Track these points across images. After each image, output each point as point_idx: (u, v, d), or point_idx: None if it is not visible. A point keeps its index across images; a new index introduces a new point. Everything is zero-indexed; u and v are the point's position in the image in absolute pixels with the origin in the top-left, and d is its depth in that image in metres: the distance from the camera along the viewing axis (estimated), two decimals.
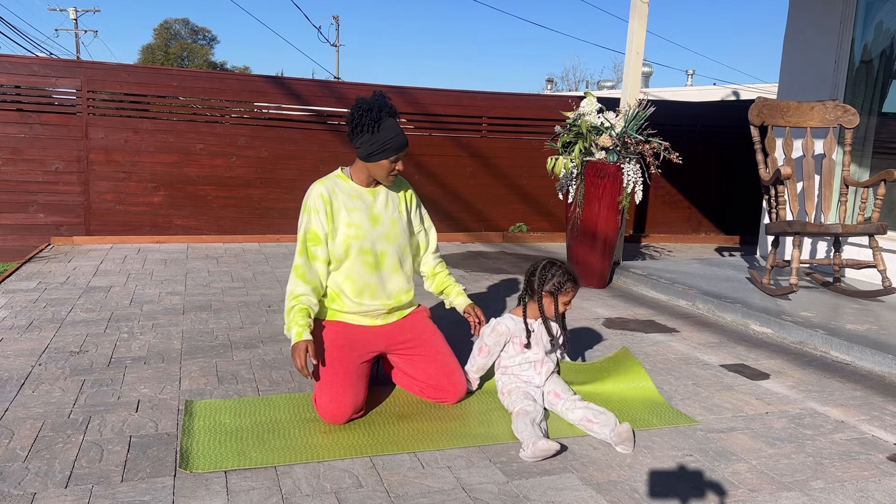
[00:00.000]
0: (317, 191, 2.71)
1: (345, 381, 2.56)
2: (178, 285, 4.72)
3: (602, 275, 5.14)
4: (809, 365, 3.52)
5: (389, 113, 2.68)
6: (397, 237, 2.80)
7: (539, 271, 2.76)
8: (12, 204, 6.12)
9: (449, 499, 2.08)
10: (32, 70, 6.11)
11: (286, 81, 6.87)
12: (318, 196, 2.70)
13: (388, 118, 2.67)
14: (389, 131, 2.65)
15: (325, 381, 2.56)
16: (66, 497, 2.01)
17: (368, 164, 2.70)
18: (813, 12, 5.73)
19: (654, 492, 2.17)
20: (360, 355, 2.68)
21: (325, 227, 2.69)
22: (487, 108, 7.45)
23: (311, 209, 2.70)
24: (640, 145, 4.87)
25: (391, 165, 2.70)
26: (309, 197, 2.72)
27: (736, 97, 15.59)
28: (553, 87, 35.25)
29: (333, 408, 2.52)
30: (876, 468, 2.39)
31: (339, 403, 2.52)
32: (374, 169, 2.71)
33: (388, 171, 2.71)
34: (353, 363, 2.63)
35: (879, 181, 4.55)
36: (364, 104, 2.65)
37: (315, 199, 2.70)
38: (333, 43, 35.44)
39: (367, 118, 2.63)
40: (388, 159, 2.68)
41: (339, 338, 2.69)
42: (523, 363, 2.76)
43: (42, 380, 2.91)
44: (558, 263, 2.78)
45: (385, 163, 2.69)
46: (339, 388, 2.54)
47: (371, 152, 2.66)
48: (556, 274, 2.74)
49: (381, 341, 2.77)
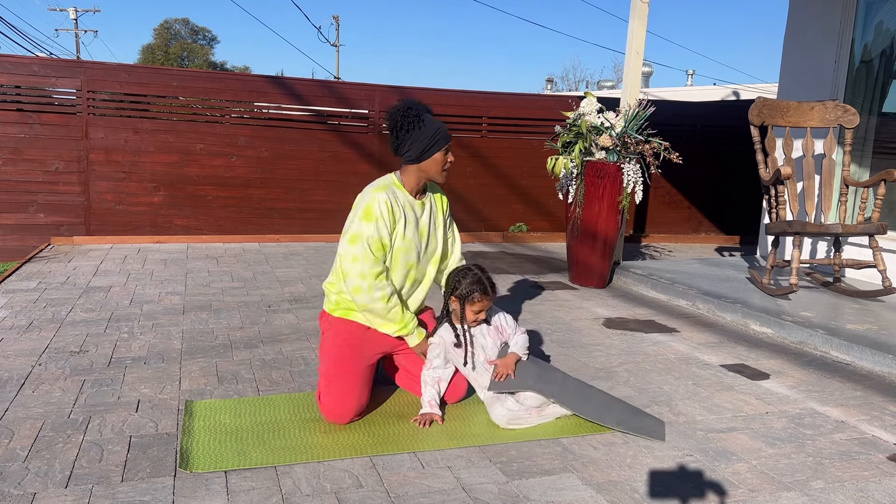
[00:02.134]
0: (381, 198, 2.62)
1: (353, 382, 2.57)
2: (178, 285, 4.72)
3: (602, 275, 5.14)
4: (809, 365, 3.52)
5: (426, 110, 2.71)
6: (436, 251, 2.84)
7: (453, 274, 2.74)
8: (12, 204, 6.12)
9: (449, 499, 2.08)
10: (32, 70, 6.11)
11: (286, 81, 6.87)
12: (383, 204, 2.61)
13: (426, 114, 2.69)
14: (432, 124, 2.67)
15: (333, 380, 2.57)
16: (66, 497, 2.01)
17: (421, 164, 2.68)
18: (813, 12, 5.73)
19: (654, 492, 2.17)
20: (368, 357, 2.69)
21: (388, 237, 2.63)
22: (487, 108, 7.45)
23: (378, 217, 2.60)
24: (640, 145, 4.86)
25: (444, 158, 2.70)
26: (373, 203, 2.60)
27: (736, 97, 15.59)
28: (553, 87, 35.25)
29: (338, 408, 2.54)
30: (876, 468, 2.39)
31: (343, 404, 2.54)
32: (429, 166, 2.69)
33: (443, 165, 2.71)
34: (361, 364, 2.64)
35: (879, 181, 4.55)
36: (400, 107, 2.66)
37: (381, 207, 2.60)
38: (333, 43, 35.45)
39: (410, 116, 2.64)
40: (440, 150, 2.68)
41: (353, 338, 2.68)
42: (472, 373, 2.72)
43: (42, 380, 2.91)
44: (475, 271, 2.71)
45: (439, 155, 2.68)
46: (346, 389, 2.55)
47: (423, 149, 2.65)
48: (467, 281, 2.67)
49: (388, 342, 2.76)
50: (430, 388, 2.68)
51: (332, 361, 2.62)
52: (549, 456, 2.38)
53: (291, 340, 3.60)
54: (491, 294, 2.69)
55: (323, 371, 2.62)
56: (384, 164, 7.10)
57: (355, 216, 2.63)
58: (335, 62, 63.18)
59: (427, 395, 2.67)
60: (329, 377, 2.58)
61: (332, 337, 2.68)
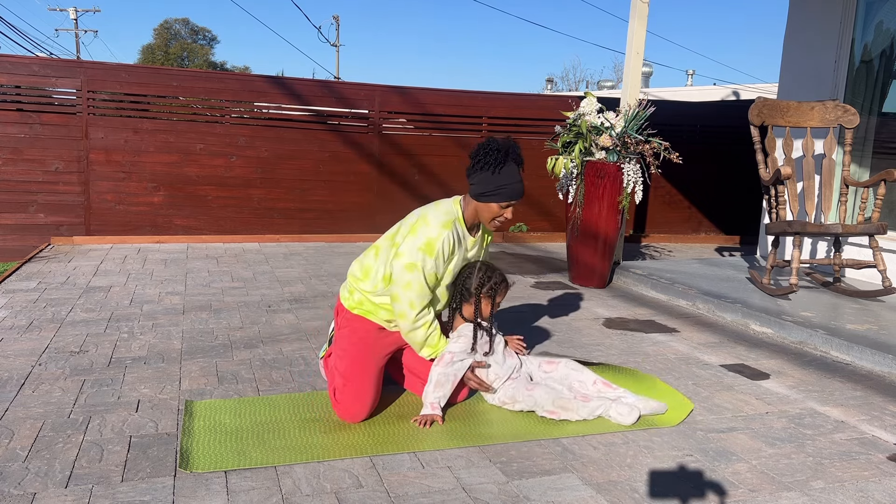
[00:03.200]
0: (446, 236, 2.60)
1: (369, 382, 2.61)
2: (178, 285, 4.72)
3: (602, 275, 5.14)
4: (809, 365, 3.52)
5: (515, 160, 2.65)
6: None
7: (477, 274, 2.75)
8: (12, 204, 6.12)
9: (449, 499, 2.08)
10: (32, 70, 6.11)
11: (286, 81, 6.87)
12: (446, 243, 2.60)
13: (512, 164, 2.64)
14: (510, 176, 2.62)
15: (350, 380, 2.59)
16: (66, 497, 2.01)
17: (479, 203, 2.66)
18: (813, 12, 5.73)
19: (654, 492, 2.17)
20: (381, 357, 2.71)
21: (442, 273, 2.66)
22: (487, 108, 7.45)
23: (439, 254, 2.59)
24: (640, 145, 4.86)
25: (500, 211, 2.65)
26: (438, 240, 2.58)
27: (736, 97, 15.59)
28: (553, 87, 35.25)
29: (354, 407, 2.57)
30: (876, 468, 2.39)
31: (361, 403, 2.57)
32: (482, 210, 2.67)
33: (495, 216, 2.66)
34: (376, 364, 2.67)
35: (879, 181, 4.55)
36: (494, 144, 2.63)
37: (444, 246, 2.60)
38: (333, 43, 35.45)
39: (493, 157, 2.61)
40: (498, 203, 2.63)
41: (369, 336, 2.70)
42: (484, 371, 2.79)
43: (42, 380, 2.91)
44: (491, 266, 2.80)
45: (494, 206, 2.64)
46: (363, 388, 2.58)
47: (484, 192, 2.62)
48: (494, 277, 2.76)
49: (399, 342, 2.78)
50: (441, 388, 2.65)
51: (350, 360, 2.63)
52: (549, 456, 2.38)
53: (291, 340, 3.60)
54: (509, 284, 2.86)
55: (340, 370, 2.63)
56: (384, 165, 7.10)
57: (416, 242, 2.57)
58: (335, 62, 63.16)
59: (434, 396, 2.64)
60: (347, 376, 2.60)
61: (350, 335, 2.69)
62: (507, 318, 4.16)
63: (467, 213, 2.71)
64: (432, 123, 7.31)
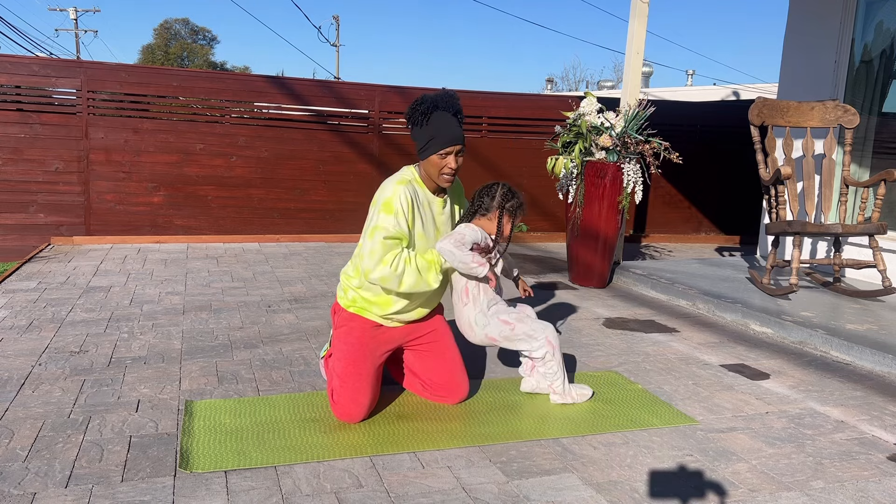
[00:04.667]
0: (402, 192, 2.54)
1: (366, 381, 2.59)
2: (178, 285, 4.72)
3: (602, 275, 5.14)
4: (809, 365, 3.52)
5: (444, 107, 2.56)
6: None
7: (501, 188, 2.75)
8: (12, 204, 6.12)
9: (449, 499, 2.08)
10: (32, 70, 6.11)
11: (286, 81, 6.87)
12: (403, 198, 2.54)
13: (441, 112, 2.56)
14: (439, 124, 2.54)
15: (347, 380, 2.57)
16: (66, 497, 2.01)
17: (424, 162, 2.60)
18: (813, 12, 5.73)
19: (654, 492, 2.17)
20: (379, 356, 2.69)
21: (407, 230, 2.55)
22: (487, 108, 7.45)
23: (398, 211, 2.52)
24: (640, 145, 4.86)
25: (441, 161, 2.55)
26: (394, 197, 2.52)
27: (736, 97, 15.59)
28: (553, 87, 35.23)
29: (352, 407, 2.55)
30: (876, 468, 2.39)
31: (358, 403, 2.55)
32: (428, 167, 2.59)
33: (440, 169, 2.56)
34: (373, 363, 2.65)
35: (879, 181, 4.55)
36: (420, 98, 2.57)
37: (402, 202, 2.53)
38: (333, 43, 35.45)
39: (419, 111, 2.56)
40: (436, 153, 2.54)
41: (365, 336, 2.68)
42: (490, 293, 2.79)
43: (42, 380, 2.91)
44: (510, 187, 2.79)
45: (434, 158, 2.55)
46: (361, 388, 2.56)
47: (421, 148, 2.57)
48: (516, 196, 2.77)
49: (398, 338, 2.76)
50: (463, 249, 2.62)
51: (346, 361, 2.61)
52: (549, 456, 2.38)
53: (291, 340, 3.60)
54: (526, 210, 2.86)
55: (337, 371, 2.61)
56: (384, 164, 7.10)
57: (375, 210, 2.55)
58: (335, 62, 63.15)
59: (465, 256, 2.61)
60: (343, 377, 2.58)
61: (346, 335, 2.66)
62: None
63: (423, 176, 2.65)
64: None
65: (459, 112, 2.62)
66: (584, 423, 2.65)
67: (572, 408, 2.80)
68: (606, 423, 2.66)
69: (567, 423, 2.64)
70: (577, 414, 2.74)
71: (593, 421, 2.68)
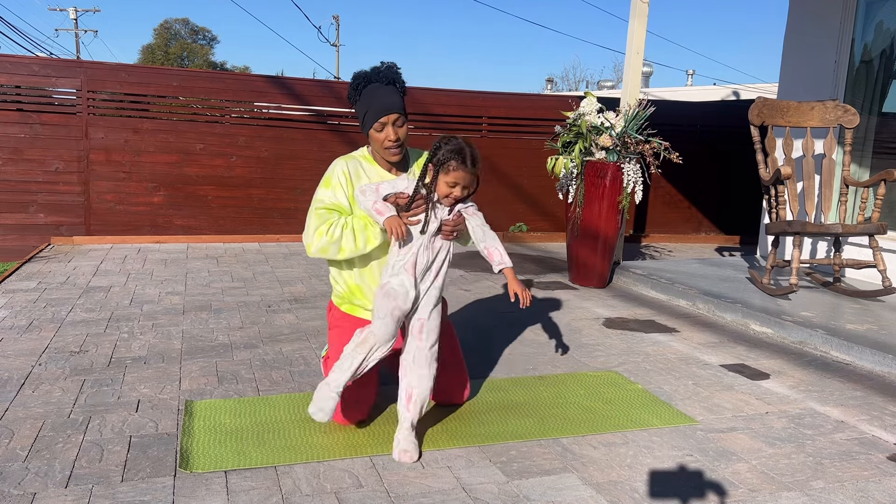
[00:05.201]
0: (341, 166, 2.50)
1: (362, 384, 2.54)
2: (178, 285, 4.72)
3: (602, 275, 5.14)
4: (809, 365, 3.52)
5: (377, 79, 2.45)
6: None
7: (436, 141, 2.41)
8: (12, 204, 6.12)
9: (449, 499, 2.08)
10: (32, 70, 6.11)
11: (286, 81, 6.87)
12: (341, 172, 2.49)
13: (374, 84, 2.45)
14: (370, 97, 2.43)
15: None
16: (66, 497, 2.01)
17: (369, 138, 2.51)
18: (813, 12, 5.73)
19: (654, 492, 2.17)
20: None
21: (346, 202, 2.48)
22: (487, 108, 7.45)
23: (336, 185, 2.49)
24: (640, 145, 4.86)
25: (380, 136, 2.44)
26: (332, 173, 2.51)
27: (736, 97, 15.59)
28: (553, 87, 35.22)
29: (352, 408, 2.52)
30: (876, 468, 2.39)
31: (358, 404, 2.53)
32: (373, 144, 2.49)
33: (381, 143, 2.46)
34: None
35: (879, 181, 4.55)
36: (354, 75, 2.49)
37: (339, 176, 2.49)
38: (333, 43, 35.45)
39: (352, 88, 2.48)
40: (372, 128, 2.43)
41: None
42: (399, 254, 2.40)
43: (42, 380, 2.91)
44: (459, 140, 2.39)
45: (374, 133, 2.44)
46: (357, 390, 2.53)
47: (362, 123, 2.48)
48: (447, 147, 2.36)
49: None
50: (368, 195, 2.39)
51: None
52: (549, 456, 2.38)
53: (291, 340, 3.60)
54: (469, 167, 2.35)
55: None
56: None
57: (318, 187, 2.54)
58: (335, 62, 63.16)
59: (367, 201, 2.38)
60: None
61: (339, 336, 2.63)
62: (508, 318, 4.17)
63: (373, 153, 2.58)
64: (432, 123, 7.30)
65: (396, 81, 2.48)
66: (584, 423, 2.65)
67: (572, 408, 2.80)
68: (606, 423, 2.66)
69: (567, 423, 2.64)
70: (577, 414, 2.74)
71: (593, 421, 2.68)
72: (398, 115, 2.45)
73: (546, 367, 3.33)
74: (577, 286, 5.19)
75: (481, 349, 3.54)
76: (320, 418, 2.28)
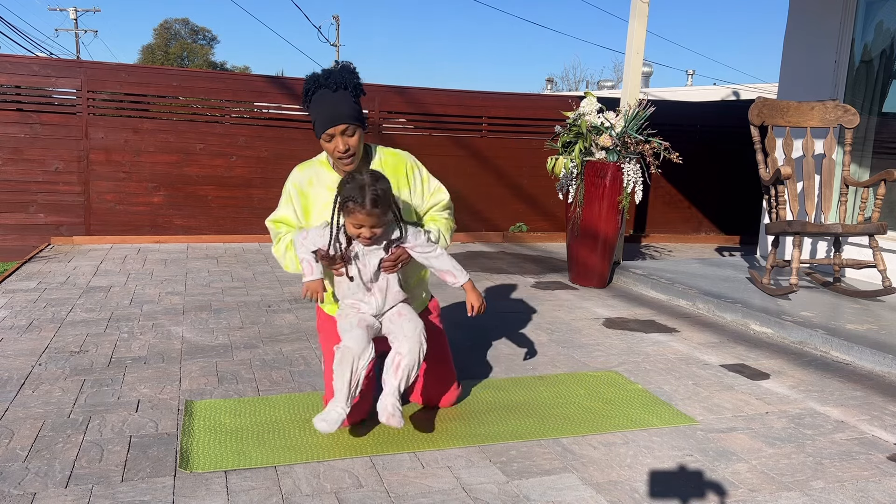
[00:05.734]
0: (293, 178, 2.47)
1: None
2: (178, 285, 4.72)
3: (602, 275, 5.14)
4: (809, 365, 3.52)
5: (326, 84, 2.29)
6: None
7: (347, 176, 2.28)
8: (12, 204, 6.12)
9: (449, 499, 2.08)
10: (32, 70, 6.11)
11: (286, 81, 6.87)
12: (292, 185, 2.46)
13: (322, 90, 2.29)
14: (319, 105, 2.28)
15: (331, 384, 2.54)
16: (66, 497, 2.01)
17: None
18: (813, 12, 5.73)
19: (654, 492, 2.17)
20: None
21: (299, 218, 2.47)
22: (487, 108, 7.45)
23: (284, 198, 2.48)
24: (640, 145, 4.86)
25: (328, 146, 2.31)
26: (286, 184, 2.50)
27: (736, 97, 15.58)
28: (553, 87, 35.22)
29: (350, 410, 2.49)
30: (876, 468, 2.39)
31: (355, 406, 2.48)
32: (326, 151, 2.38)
33: (331, 154, 2.34)
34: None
35: (879, 181, 4.55)
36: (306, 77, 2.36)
37: (290, 188, 2.46)
38: (333, 43, 35.45)
39: (304, 93, 2.36)
40: (321, 138, 2.30)
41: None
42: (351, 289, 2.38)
43: (42, 380, 2.91)
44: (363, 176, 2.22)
45: (323, 143, 2.32)
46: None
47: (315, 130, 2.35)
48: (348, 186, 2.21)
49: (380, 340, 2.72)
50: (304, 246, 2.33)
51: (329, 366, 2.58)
52: (549, 456, 2.38)
53: (291, 340, 3.60)
54: (368, 207, 2.16)
55: (325, 377, 2.57)
56: None
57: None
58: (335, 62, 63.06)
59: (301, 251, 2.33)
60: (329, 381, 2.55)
61: (329, 339, 2.61)
62: (508, 318, 4.17)
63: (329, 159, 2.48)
64: (432, 123, 7.31)
65: (346, 86, 2.31)
66: (584, 423, 2.65)
67: (572, 408, 2.80)
68: (606, 423, 2.66)
69: (567, 423, 2.64)
70: (577, 414, 2.74)
71: (593, 421, 2.68)
72: (346, 126, 2.29)
73: (546, 367, 3.33)
74: (577, 286, 5.19)
75: (481, 349, 3.54)
76: (323, 428, 2.27)
